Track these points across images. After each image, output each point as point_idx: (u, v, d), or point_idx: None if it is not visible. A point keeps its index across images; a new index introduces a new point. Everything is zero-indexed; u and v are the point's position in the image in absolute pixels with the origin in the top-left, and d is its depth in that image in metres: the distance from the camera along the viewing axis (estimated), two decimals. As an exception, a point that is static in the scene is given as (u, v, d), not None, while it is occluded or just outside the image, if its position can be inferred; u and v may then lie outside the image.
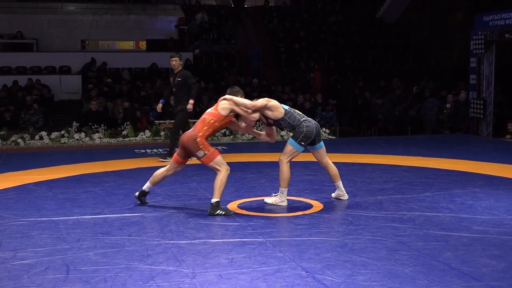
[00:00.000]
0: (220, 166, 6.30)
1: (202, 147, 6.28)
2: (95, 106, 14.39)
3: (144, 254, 4.91)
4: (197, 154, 6.30)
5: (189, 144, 6.34)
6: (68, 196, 7.33)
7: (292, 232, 5.63)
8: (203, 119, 6.45)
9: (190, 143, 6.33)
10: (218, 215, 6.20)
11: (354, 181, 8.14)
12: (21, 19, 21.87)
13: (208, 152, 6.29)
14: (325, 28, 23.16)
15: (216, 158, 6.30)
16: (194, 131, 6.40)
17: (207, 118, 6.42)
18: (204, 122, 6.41)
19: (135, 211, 6.48)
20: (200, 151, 6.28)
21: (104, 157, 10.79)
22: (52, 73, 19.41)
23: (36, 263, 4.69)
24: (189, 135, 6.39)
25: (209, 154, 6.29)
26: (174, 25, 23.35)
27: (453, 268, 4.50)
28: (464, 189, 7.57)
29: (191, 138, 6.33)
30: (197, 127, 6.41)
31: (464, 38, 17.15)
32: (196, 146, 6.29)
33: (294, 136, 6.63)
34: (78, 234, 5.55)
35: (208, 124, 6.38)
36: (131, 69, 20.13)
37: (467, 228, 5.67)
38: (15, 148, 12.81)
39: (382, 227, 5.72)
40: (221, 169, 6.29)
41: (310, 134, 6.60)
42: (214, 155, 6.30)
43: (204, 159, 6.29)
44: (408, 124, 15.84)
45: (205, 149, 6.28)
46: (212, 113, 6.46)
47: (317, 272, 4.43)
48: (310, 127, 6.60)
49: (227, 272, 4.46)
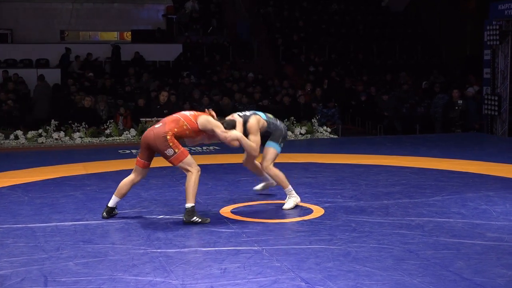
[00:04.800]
0: (191, 166, 6.25)
1: (172, 145, 6.21)
2: (88, 102, 14.36)
3: (129, 264, 4.91)
4: (166, 152, 6.21)
5: (157, 141, 6.22)
6: (46, 201, 7.32)
7: (290, 240, 5.64)
8: (176, 120, 6.36)
9: (158, 140, 6.21)
10: (195, 222, 6.15)
11: (358, 184, 8.15)
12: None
13: (178, 151, 6.22)
14: (327, 17, 23.15)
15: (186, 158, 6.24)
16: (163, 127, 6.29)
17: (181, 122, 6.33)
18: (178, 123, 6.31)
19: (119, 217, 6.47)
20: (170, 149, 6.20)
21: (85, 158, 10.78)
22: (28, 67, 19.34)
23: (11, 274, 4.68)
24: (157, 131, 6.27)
25: (178, 153, 6.22)
26: (162, 14, 23.32)
27: (465, 279, 4.51)
28: (477, 192, 7.59)
29: (160, 134, 6.23)
30: (167, 125, 6.31)
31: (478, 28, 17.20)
32: (165, 143, 6.20)
33: (274, 138, 6.88)
34: (57, 242, 5.55)
35: (180, 128, 6.30)
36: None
37: (480, 235, 5.68)
38: (-12, 149, 12.79)
39: (388, 234, 5.73)
40: (192, 170, 6.24)
41: (286, 133, 7.10)
42: (184, 155, 6.24)
43: (173, 158, 6.22)
44: (416, 122, 15.86)
45: (175, 148, 6.22)
46: (189, 119, 6.36)
47: (317, 283, 4.44)
48: (284, 128, 7.09)
49: (219, 283, 4.46)
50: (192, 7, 22.64)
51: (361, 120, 16.75)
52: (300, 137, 14.21)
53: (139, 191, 7.80)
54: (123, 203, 7.08)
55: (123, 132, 13.69)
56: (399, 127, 15.76)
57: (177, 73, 18.71)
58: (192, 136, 6.48)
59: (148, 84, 17.29)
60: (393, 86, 18.24)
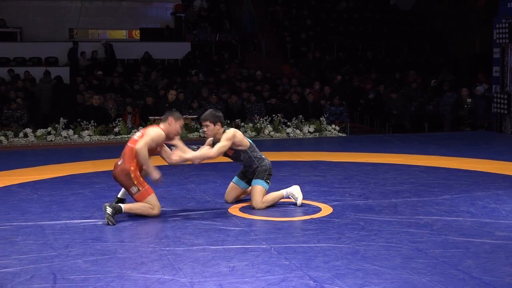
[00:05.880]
0: (153, 207, 6.30)
1: (136, 182, 6.23)
2: (97, 101, 14.39)
3: (138, 262, 4.92)
4: (130, 189, 6.26)
5: (121, 178, 6.28)
6: (55, 199, 7.35)
7: (298, 238, 5.64)
8: (130, 149, 6.32)
9: (123, 177, 6.26)
10: (105, 212, 6.07)
11: (366, 183, 8.14)
12: (3, 6, 21.85)
13: (142, 189, 6.26)
14: (335, 15, 23.13)
15: (150, 196, 6.28)
16: (124, 164, 6.27)
17: (135, 149, 6.27)
18: (132, 152, 6.29)
19: (127, 215, 6.48)
20: (134, 186, 6.24)
21: (94, 156, 10.81)
22: (37, 65, 19.40)
23: (20, 271, 4.70)
24: (120, 169, 6.29)
25: (143, 191, 6.26)
26: (170, 12, 23.35)
27: (474, 278, 4.50)
28: (486, 191, 7.56)
29: (123, 172, 6.25)
30: (127, 160, 6.28)
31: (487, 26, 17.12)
32: (129, 181, 6.23)
33: (259, 176, 6.74)
34: (66, 240, 5.56)
35: (136, 156, 6.27)
36: (123, 60, 20.13)
37: (489, 234, 5.66)
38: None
39: (396, 232, 5.72)
40: (153, 210, 6.28)
41: (272, 170, 6.84)
42: (148, 193, 6.28)
43: (138, 196, 6.26)
44: (425, 120, 15.82)
45: (139, 185, 6.24)
46: (135, 140, 6.33)
47: (326, 281, 4.44)
48: (270, 165, 6.84)
49: (228, 281, 4.47)
50: (201, 5, 22.65)
51: (370, 119, 16.74)
52: (308, 136, 14.21)
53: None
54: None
55: (132, 130, 13.72)
56: (408, 126, 15.73)
57: (185, 71, 18.74)
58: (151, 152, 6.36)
59: (156, 82, 17.31)
60: (401, 84, 18.20)
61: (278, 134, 14.12)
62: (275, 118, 14.42)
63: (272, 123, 14.37)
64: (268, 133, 14.10)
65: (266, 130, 14.13)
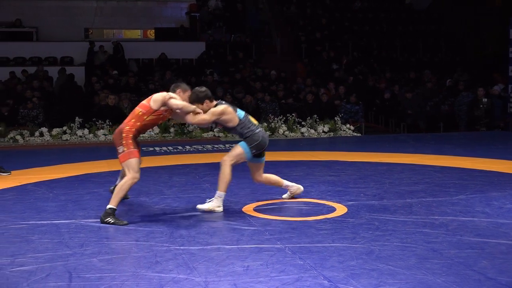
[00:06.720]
0: (129, 170, 6.21)
1: (124, 143, 6.26)
2: (112, 100, 14.46)
3: (153, 261, 4.94)
4: (118, 149, 6.29)
5: (115, 137, 6.40)
6: (71, 198, 7.39)
7: (313, 238, 5.63)
8: (132, 111, 6.47)
9: (116, 136, 6.37)
10: (108, 223, 6.06)
11: (381, 183, 8.12)
12: (19, 6, 22.01)
13: (127, 150, 6.24)
14: (350, 15, 23.08)
15: (131, 159, 6.22)
16: (123, 125, 6.41)
17: (137, 110, 6.42)
18: (134, 113, 6.41)
19: (142, 215, 6.50)
20: (121, 146, 6.26)
21: (109, 156, 10.83)
22: (53, 64, 19.55)
23: (36, 270, 4.72)
24: (118, 128, 6.43)
25: (126, 152, 6.23)
26: (185, 12, 23.41)
27: (489, 278, 4.48)
28: (502, 191, 7.52)
29: (119, 131, 6.37)
30: (126, 120, 6.43)
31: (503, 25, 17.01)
32: (119, 140, 6.29)
33: (247, 141, 6.59)
34: (81, 239, 5.59)
35: (137, 117, 6.36)
36: (138, 60, 20.22)
37: (505, 235, 5.63)
38: (13, 146, 12.93)
39: (411, 232, 5.70)
40: (129, 174, 6.20)
41: (263, 144, 6.64)
42: (131, 155, 6.23)
43: (121, 156, 6.26)
44: (440, 120, 15.76)
45: (125, 146, 6.25)
46: (143, 105, 6.43)
47: (340, 281, 4.43)
48: (264, 138, 6.66)
49: (242, 281, 4.47)
50: (216, 5, 22.68)
51: (385, 118, 16.68)
52: (322, 135, 14.19)
53: (162, 188, 7.85)
54: (146, 200, 7.14)
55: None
56: (423, 125, 15.67)
57: (200, 71, 18.77)
58: (154, 120, 6.46)
59: (171, 82, 17.33)
60: (416, 84, 18.13)
61: (292, 134, 14.12)
62: (290, 117, 14.43)
63: (286, 122, 14.37)
64: (282, 132, 14.11)
65: (281, 129, 14.14)
